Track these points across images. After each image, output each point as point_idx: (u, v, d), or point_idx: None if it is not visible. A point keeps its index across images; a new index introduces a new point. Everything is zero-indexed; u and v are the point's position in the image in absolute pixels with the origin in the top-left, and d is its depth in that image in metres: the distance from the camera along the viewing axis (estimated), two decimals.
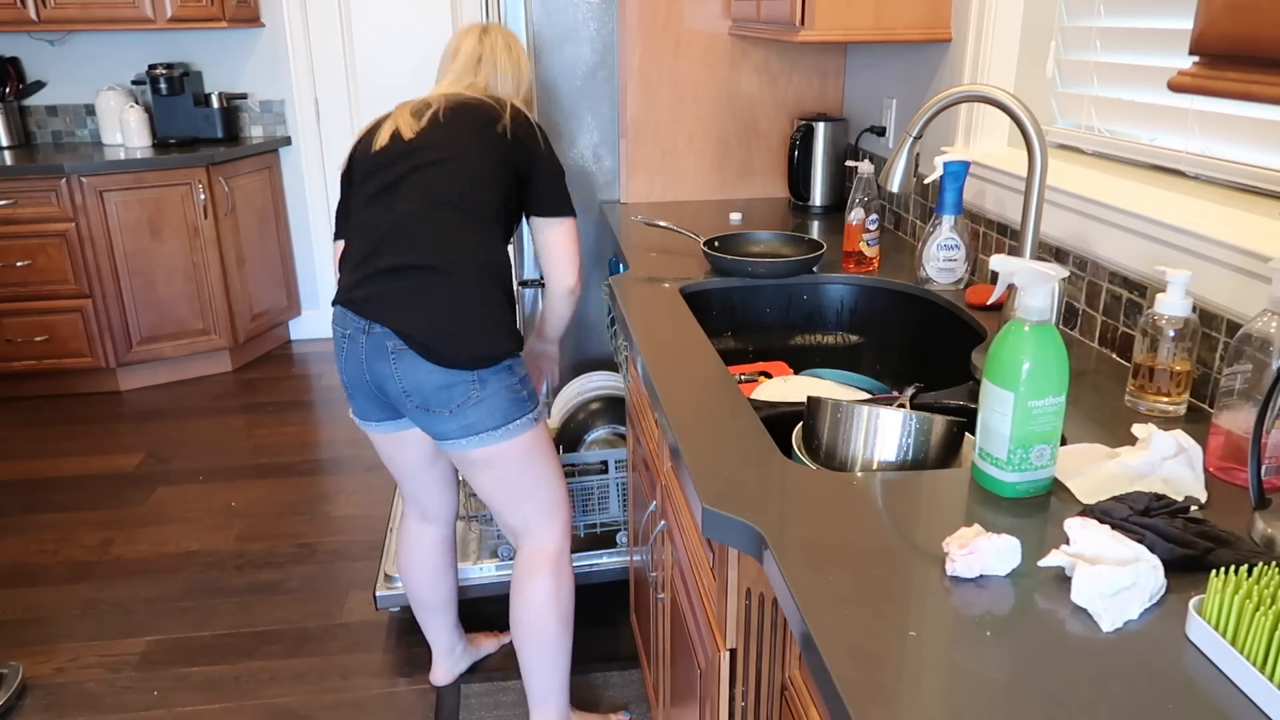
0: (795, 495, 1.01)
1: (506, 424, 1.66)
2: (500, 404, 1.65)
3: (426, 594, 2.04)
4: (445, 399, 1.61)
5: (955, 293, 1.73)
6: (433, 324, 1.59)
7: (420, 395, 1.62)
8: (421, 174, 1.67)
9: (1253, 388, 1.01)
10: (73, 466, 3.24)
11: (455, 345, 1.59)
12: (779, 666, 1.02)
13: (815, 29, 1.92)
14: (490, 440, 1.66)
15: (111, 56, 4.03)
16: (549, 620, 1.80)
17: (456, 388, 1.61)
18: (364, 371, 1.67)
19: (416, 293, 1.61)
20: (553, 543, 1.80)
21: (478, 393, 1.62)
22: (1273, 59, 0.68)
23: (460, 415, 1.63)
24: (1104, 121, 1.67)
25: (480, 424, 1.64)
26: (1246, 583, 0.74)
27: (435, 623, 2.10)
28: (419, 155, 1.69)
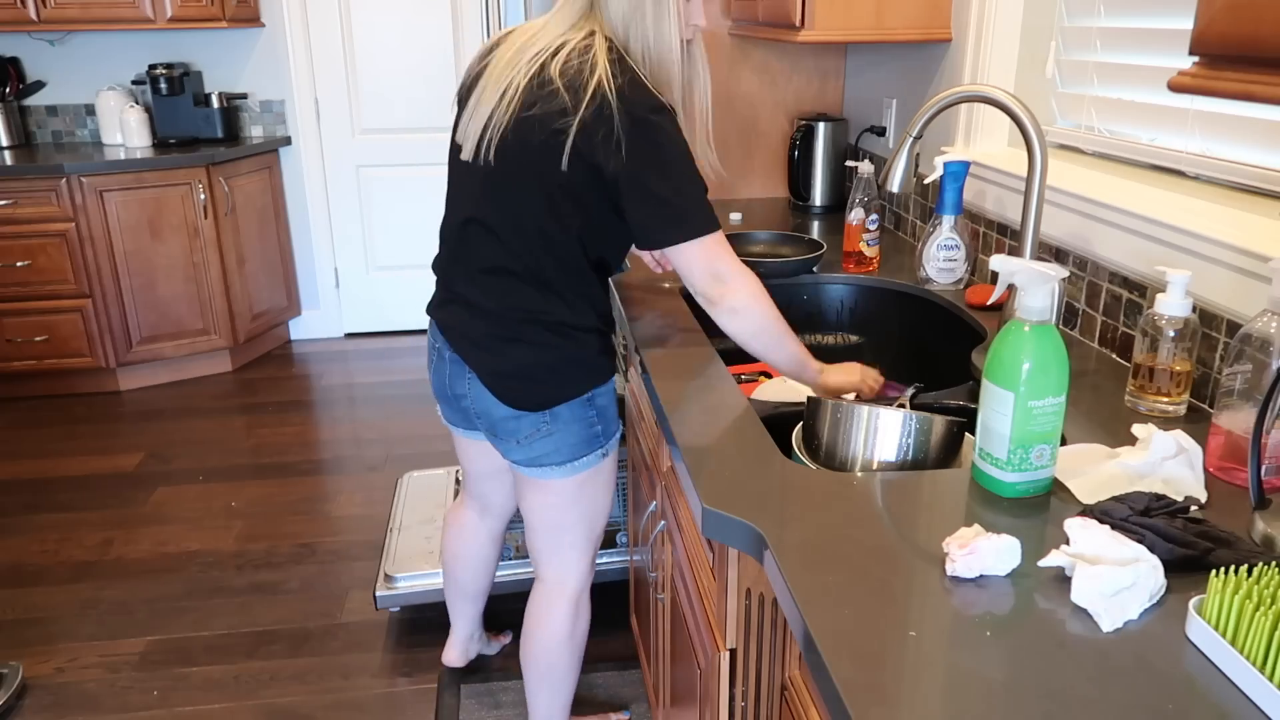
0: (795, 495, 1.01)
1: (574, 460, 1.56)
2: (570, 439, 1.54)
3: (468, 582, 2.04)
4: (513, 429, 1.54)
5: (955, 293, 1.73)
6: (498, 370, 1.50)
7: (489, 421, 1.56)
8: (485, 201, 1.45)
9: (1253, 388, 1.01)
10: (73, 466, 3.24)
11: (521, 392, 1.50)
12: (779, 666, 1.02)
13: (815, 29, 1.92)
14: (553, 474, 1.58)
15: (111, 56, 4.03)
16: (561, 656, 1.76)
17: (525, 420, 1.52)
18: (446, 386, 1.62)
19: (482, 334, 1.51)
20: (576, 580, 1.74)
21: (548, 427, 1.52)
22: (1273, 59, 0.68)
23: (527, 447, 1.55)
24: (1104, 121, 1.67)
25: (546, 457, 1.55)
26: (1246, 583, 0.74)
27: (466, 610, 2.10)
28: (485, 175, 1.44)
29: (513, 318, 1.47)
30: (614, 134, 1.29)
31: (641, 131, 1.30)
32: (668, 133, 1.33)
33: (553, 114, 1.33)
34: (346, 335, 4.54)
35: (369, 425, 3.54)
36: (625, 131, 1.29)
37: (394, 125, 4.25)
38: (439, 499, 2.59)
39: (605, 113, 1.29)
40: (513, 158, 1.40)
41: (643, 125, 1.31)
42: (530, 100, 1.36)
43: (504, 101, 1.39)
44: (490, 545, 2.01)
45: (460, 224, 1.52)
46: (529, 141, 1.36)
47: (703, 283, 1.39)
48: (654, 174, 1.33)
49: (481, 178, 1.45)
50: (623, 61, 1.34)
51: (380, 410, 3.67)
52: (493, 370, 1.50)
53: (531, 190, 1.39)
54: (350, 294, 4.48)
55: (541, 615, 1.75)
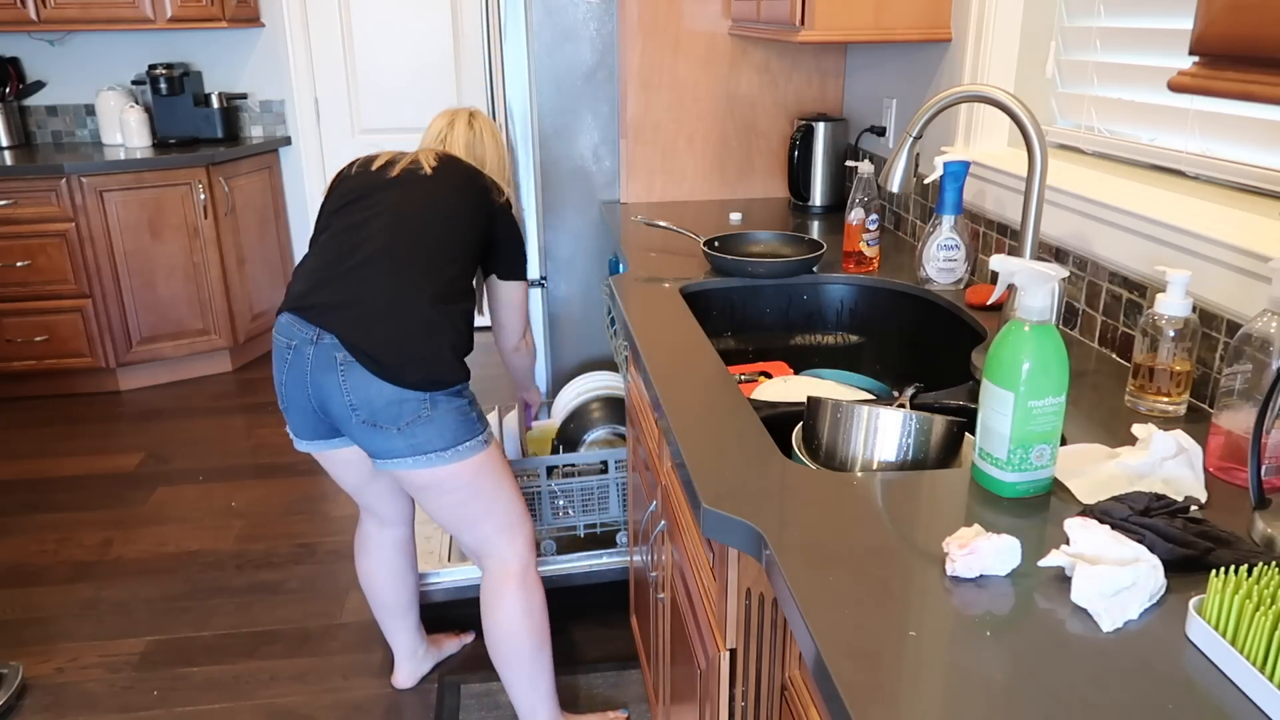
0: (795, 495, 1.01)
1: (456, 445, 1.63)
2: (450, 424, 1.62)
3: (389, 598, 2.03)
4: (395, 415, 1.59)
5: (955, 293, 1.73)
6: (390, 339, 1.58)
7: (369, 410, 1.59)
8: (401, 206, 1.70)
9: (1253, 388, 1.01)
10: (73, 466, 3.24)
11: (409, 365, 1.58)
12: (779, 666, 1.02)
13: (815, 29, 1.92)
14: (439, 461, 1.63)
15: (111, 56, 4.03)
16: (522, 639, 1.79)
17: (407, 404, 1.58)
18: (307, 385, 1.62)
19: (374, 308, 1.59)
20: (516, 561, 1.78)
21: (428, 412, 1.60)
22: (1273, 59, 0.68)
23: (409, 434, 1.60)
24: (1104, 121, 1.67)
25: (429, 444, 1.61)
26: (1246, 583, 0.74)
27: (397, 625, 2.08)
28: (402, 189, 1.73)
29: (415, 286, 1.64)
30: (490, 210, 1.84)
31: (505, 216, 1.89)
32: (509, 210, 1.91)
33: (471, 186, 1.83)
34: None
35: None
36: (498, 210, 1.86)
37: (394, 125, 4.26)
38: None
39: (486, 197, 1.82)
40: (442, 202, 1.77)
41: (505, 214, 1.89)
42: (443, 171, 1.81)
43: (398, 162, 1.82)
44: (398, 555, 2.00)
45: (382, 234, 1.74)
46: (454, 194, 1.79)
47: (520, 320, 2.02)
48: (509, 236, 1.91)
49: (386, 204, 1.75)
50: None
51: None
52: (383, 342, 1.57)
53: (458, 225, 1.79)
54: None
55: (492, 602, 1.79)
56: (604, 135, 2.61)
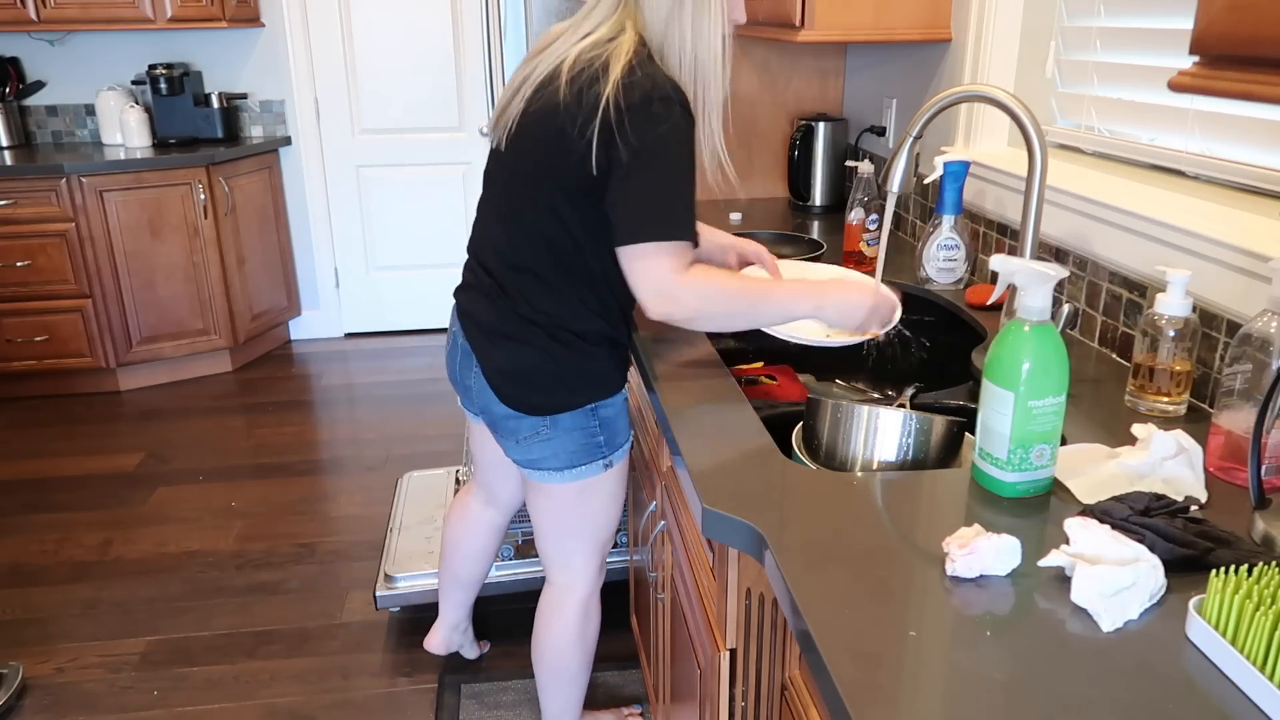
0: (795, 495, 1.01)
1: (571, 467, 1.53)
2: (569, 446, 1.50)
3: (463, 570, 2.03)
4: (511, 429, 1.51)
5: (955, 293, 1.73)
6: (500, 367, 1.47)
7: (490, 417, 1.54)
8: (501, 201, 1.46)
9: (1253, 388, 1.01)
10: (73, 466, 3.24)
11: (518, 394, 1.47)
12: (779, 666, 1.02)
13: (815, 29, 1.92)
14: (550, 480, 1.55)
15: (111, 56, 4.03)
16: (571, 659, 1.76)
17: (524, 422, 1.49)
18: (457, 372, 1.60)
19: (490, 327, 1.48)
20: (585, 584, 1.72)
21: (547, 431, 1.49)
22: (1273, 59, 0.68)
23: (525, 448, 1.52)
24: (1104, 121, 1.67)
25: (544, 461, 1.52)
26: (1246, 583, 0.74)
27: (457, 598, 2.10)
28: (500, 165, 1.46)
29: (518, 315, 1.44)
30: (612, 133, 1.25)
31: (641, 127, 1.25)
32: (670, 131, 1.26)
33: (554, 110, 1.31)
34: (346, 335, 4.54)
35: (368, 425, 3.53)
36: (622, 128, 1.25)
37: (394, 125, 4.25)
38: (439, 499, 2.59)
39: (606, 114, 1.25)
40: (521, 152, 1.39)
41: (643, 120, 1.25)
42: (538, 95, 1.35)
43: (519, 95, 1.38)
44: (490, 536, 2.00)
45: (481, 209, 1.53)
46: (533, 137, 1.36)
47: (649, 296, 1.31)
48: (642, 169, 1.27)
49: (498, 167, 1.46)
50: (643, 62, 1.28)
51: (380, 410, 3.67)
52: (495, 367, 1.48)
53: (533, 186, 1.38)
54: (350, 294, 4.48)
55: (550, 618, 1.74)
56: None
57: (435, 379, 3.94)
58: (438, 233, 4.41)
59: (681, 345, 1.50)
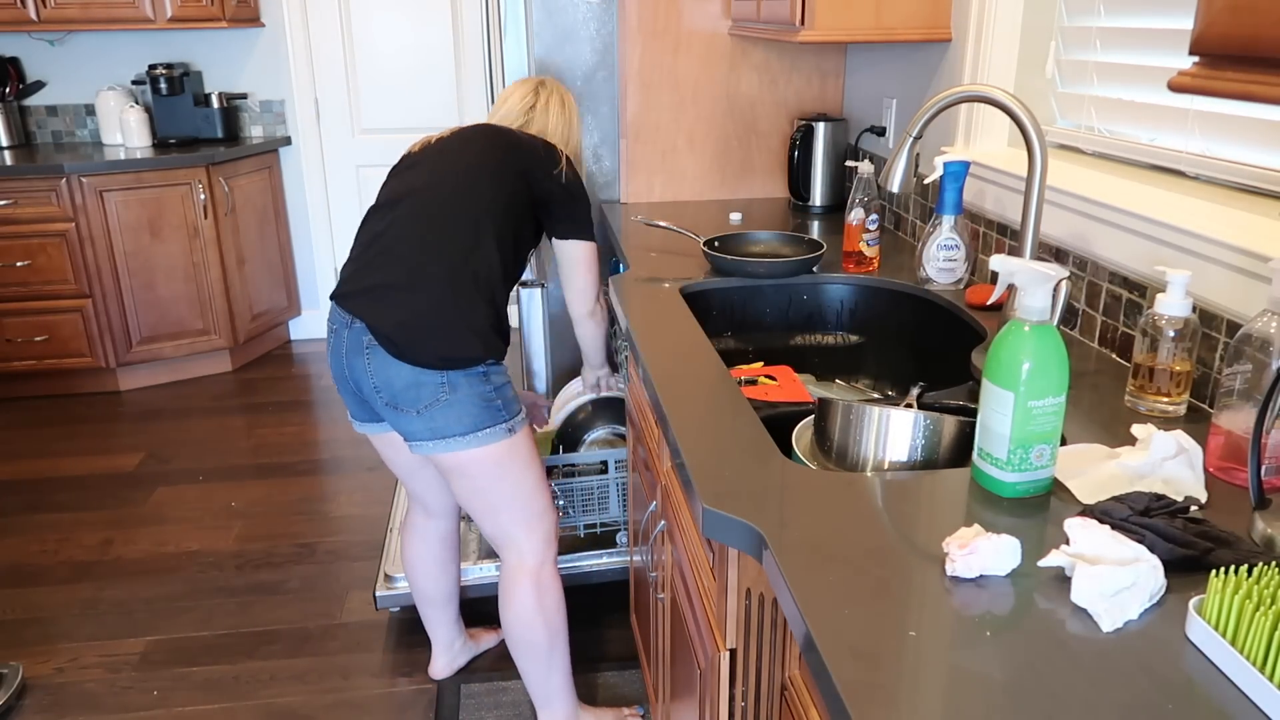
0: (795, 495, 1.01)
1: (475, 431, 1.63)
2: (470, 410, 1.61)
3: (429, 587, 2.06)
4: (413, 398, 1.60)
5: (955, 293, 1.73)
6: (403, 319, 1.59)
7: (390, 392, 1.61)
8: (420, 188, 1.70)
9: (1253, 388, 1.01)
10: (73, 466, 3.24)
11: (421, 343, 1.58)
12: (779, 666, 1.02)
13: (815, 29, 1.91)
14: (458, 446, 1.63)
15: (111, 56, 4.03)
16: (536, 632, 1.80)
17: (425, 388, 1.59)
18: (344, 367, 1.67)
19: (396, 290, 1.61)
20: (533, 556, 1.79)
21: (446, 396, 1.60)
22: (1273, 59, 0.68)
23: (427, 417, 1.61)
24: (1104, 121, 1.67)
25: (447, 428, 1.61)
26: (1246, 583, 0.74)
27: (437, 616, 2.11)
28: (435, 160, 1.73)
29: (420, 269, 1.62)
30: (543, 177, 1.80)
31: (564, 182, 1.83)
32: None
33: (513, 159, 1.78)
34: None
35: None
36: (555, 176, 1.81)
37: (394, 125, 4.25)
38: None
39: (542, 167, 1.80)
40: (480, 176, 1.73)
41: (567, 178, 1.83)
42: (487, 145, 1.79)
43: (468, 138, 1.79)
44: (441, 547, 2.03)
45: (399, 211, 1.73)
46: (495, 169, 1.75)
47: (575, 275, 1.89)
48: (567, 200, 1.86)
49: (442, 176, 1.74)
50: None
51: None
52: (393, 323, 1.58)
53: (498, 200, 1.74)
54: None
55: (508, 596, 1.80)
56: (604, 135, 2.61)
57: None
58: None
59: (681, 345, 1.50)
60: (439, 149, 1.76)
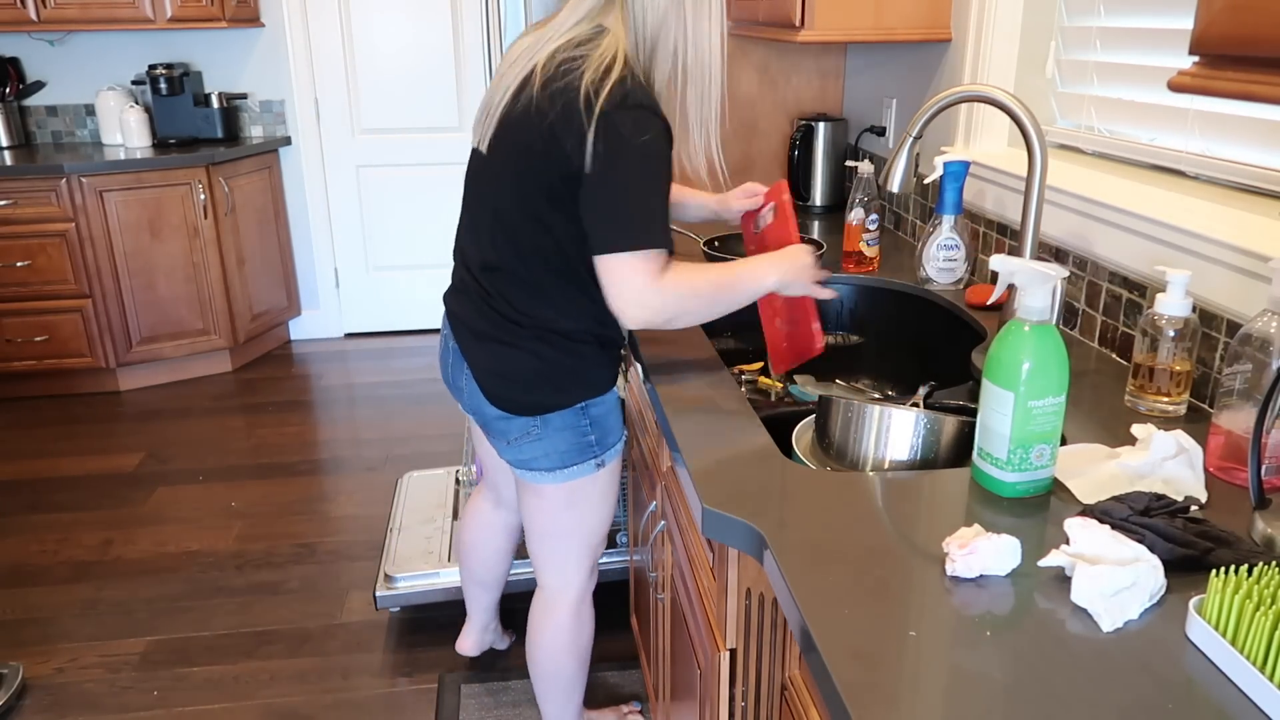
0: (795, 495, 1.01)
1: (562, 468, 1.52)
2: (560, 446, 1.50)
3: (483, 571, 2.05)
4: (502, 430, 1.51)
5: (955, 293, 1.73)
6: (488, 368, 1.48)
7: (481, 418, 1.54)
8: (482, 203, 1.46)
9: (1253, 388, 1.01)
10: (73, 466, 3.24)
11: (507, 395, 1.47)
12: (779, 666, 1.02)
13: (815, 29, 1.92)
14: (543, 479, 1.54)
15: (111, 56, 4.03)
16: (565, 664, 1.75)
17: (514, 422, 1.49)
18: (449, 376, 1.61)
19: (479, 329, 1.48)
20: (576, 589, 1.70)
21: (537, 431, 1.49)
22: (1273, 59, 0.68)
23: (516, 448, 1.52)
24: (1104, 121, 1.67)
25: (535, 461, 1.51)
26: (1246, 583, 0.74)
27: (483, 598, 2.11)
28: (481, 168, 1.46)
29: (501, 316, 1.44)
30: (584, 138, 1.23)
31: (617, 134, 1.23)
32: (650, 142, 1.24)
33: (531, 114, 1.29)
34: (346, 335, 4.54)
35: (368, 425, 3.54)
36: (599, 133, 1.23)
37: (394, 125, 4.25)
38: (439, 499, 2.59)
39: (584, 118, 1.23)
40: (499, 155, 1.38)
41: (621, 128, 1.23)
42: (516, 98, 1.33)
43: (497, 98, 1.37)
44: (502, 536, 2.01)
45: (465, 213, 1.52)
46: (510, 139, 1.35)
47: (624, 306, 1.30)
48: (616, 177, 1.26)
49: (480, 168, 1.45)
50: (625, 66, 1.25)
51: (380, 410, 3.67)
52: (483, 369, 1.48)
53: (512, 188, 1.37)
54: (350, 294, 4.48)
55: (543, 623, 1.73)
56: None
57: (435, 379, 3.94)
58: (437, 233, 4.41)
59: (681, 345, 1.50)
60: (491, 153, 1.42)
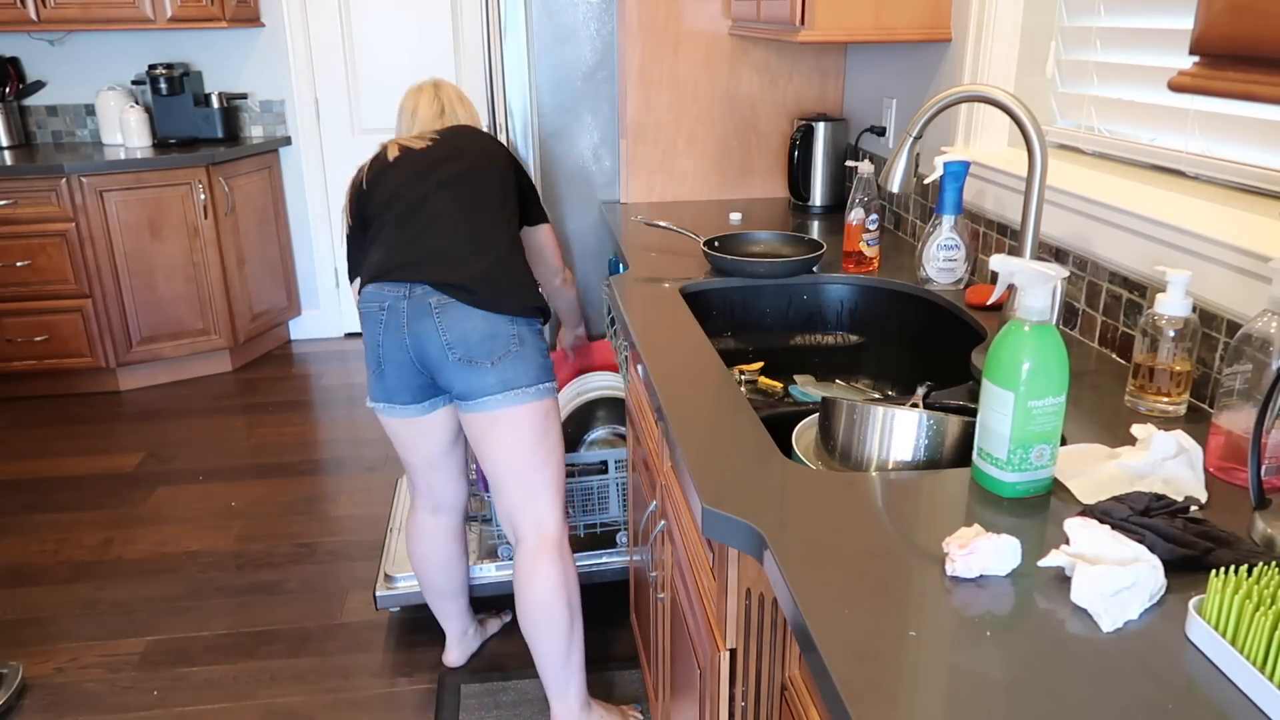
0: (795, 495, 1.01)
1: (539, 383, 1.75)
2: (534, 363, 1.75)
3: (442, 582, 2.09)
4: (489, 349, 1.69)
5: (955, 293, 1.73)
6: (479, 272, 1.71)
7: (464, 346, 1.69)
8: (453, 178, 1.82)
9: (1253, 388, 1.01)
10: (73, 466, 3.24)
11: (502, 291, 1.71)
12: (779, 666, 1.02)
13: (815, 29, 1.91)
14: (524, 398, 1.73)
15: (111, 56, 4.03)
16: (559, 608, 1.80)
17: (499, 339, 1.70)
18: (405, 337, 1.72)
19: (458, 250, 1.73)
20: (554, 529, 1.82)
21: (517, 347, 1.72)
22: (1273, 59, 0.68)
23: (500, 368, 1.70)
24: (1104, 121, 1.67)
25: (517, 379, 1.72)
26: (1246, 583, 0.74)
27: (450, 609, 2.14)
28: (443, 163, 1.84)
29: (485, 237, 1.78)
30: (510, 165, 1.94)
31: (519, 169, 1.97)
32: None
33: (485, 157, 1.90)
34: (346, 335, 4.54)
35: (368, 425, 3.54)
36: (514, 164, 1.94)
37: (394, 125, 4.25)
38: None
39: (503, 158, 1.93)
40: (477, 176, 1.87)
41: None
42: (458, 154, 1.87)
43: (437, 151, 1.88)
44: (453, 541, 2.05)
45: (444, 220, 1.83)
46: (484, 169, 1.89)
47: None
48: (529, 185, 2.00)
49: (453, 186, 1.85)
50: None
51: None
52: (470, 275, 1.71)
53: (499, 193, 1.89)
54: (350, 294, 4.47)
55: (531, 574, 1.79)
56: (604, 135, 2.61)
57: None
58: None
59: (681, 345, 1.50)
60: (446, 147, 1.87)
